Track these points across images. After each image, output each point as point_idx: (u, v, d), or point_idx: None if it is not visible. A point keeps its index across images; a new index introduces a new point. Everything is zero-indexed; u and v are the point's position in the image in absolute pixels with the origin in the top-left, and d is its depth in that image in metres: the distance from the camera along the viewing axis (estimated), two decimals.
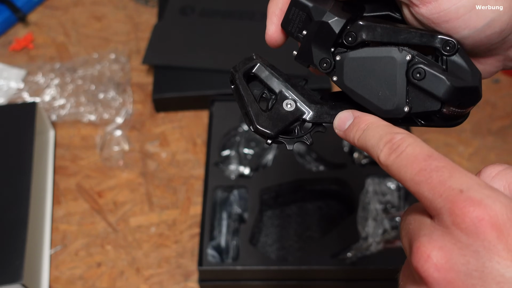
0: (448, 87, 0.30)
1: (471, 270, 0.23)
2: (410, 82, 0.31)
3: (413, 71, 0.31)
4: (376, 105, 0.32)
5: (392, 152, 0.27)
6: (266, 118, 0.34)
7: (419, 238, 0.25)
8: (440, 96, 0.31)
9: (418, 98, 0.31)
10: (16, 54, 0.92)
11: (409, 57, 0.31)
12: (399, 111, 0.31)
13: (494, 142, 0.79)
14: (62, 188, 0.75)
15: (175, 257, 0.69)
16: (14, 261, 0.61)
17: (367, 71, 0.32)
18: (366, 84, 0.32)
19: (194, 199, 0.74)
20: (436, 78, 0.30)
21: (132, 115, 0.83)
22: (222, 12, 0.93)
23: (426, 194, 0.25)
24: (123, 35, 0.95)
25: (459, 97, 0.31)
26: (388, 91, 0.31)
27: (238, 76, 0.34)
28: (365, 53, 0.32)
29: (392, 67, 0.31)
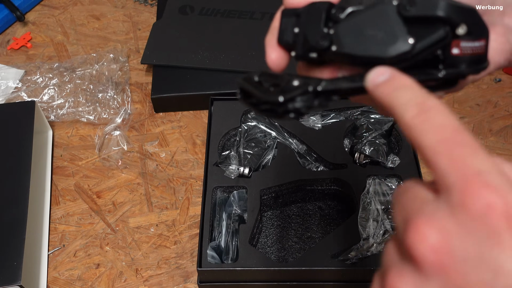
0: (444, 4, 0.29)
1: (469, 257, 0.22)
2: (406, 19, 0.30)
3: (404, 6, 0.30)
4: (380, 48, 0.31)
5: (420, 114, 0.25)
6: (273, 90, 0.31)
7: (419, 216, 0.24)
8: (439, 14, 0.29)
9: (420, 31, 0.30)
10: (14, 53, 0.92)
11: (396, 1, 0.31)
12: (405, 44, 0.30)
13: (495, 142, 0.79)
14: (61, 188, 0.75)
15: (174, 258, 0.68)
16: (12, 262, 0.61)
17: (362, 28, 0.32)
18: (365, 38, 0.31)
19: (194, 199, 0.73)
20: (428, 0, 0.30)
21: (131, 115, 0.83)
22: (221, 11, 0.93)
23: (442, 166, 0.24)
24: (122, 34, 0.95)
25: (459, 15, 0.30)
26: (387, 34, 0.30)
27: (242, 81, 0.33)
28: (355, 16, 0.32)
29: (384, 14, 0.31)
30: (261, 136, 0.75)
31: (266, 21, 0.91)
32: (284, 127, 0.75)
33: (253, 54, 0.86)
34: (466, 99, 0.84)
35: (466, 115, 0.82)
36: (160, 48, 0.87)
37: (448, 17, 0.29)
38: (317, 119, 0.77)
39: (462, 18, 0.30)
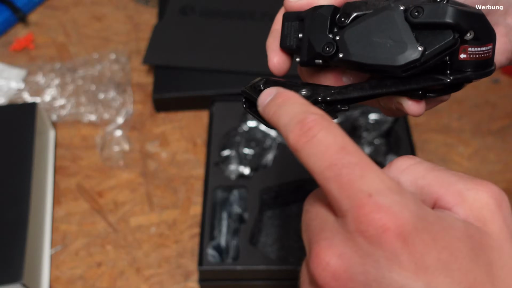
0: (452, 10, 0.29)
1: (370, 281, 0.22)
2: (413, 26, 0.30)
3: (411, 13, 0.30)
4: (389, 57, 0.30)
5: (302, 135, 0.25)
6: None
7: (319, 242, 0.23)
8: (447, 20, 0.29)
9: (428, 38, 0.29)
10: (17, 54, 0.92)
11: (403, 7, 0.30)
12: (414, 52, 0.29)
13: (494, 142, 0.79)
14: (63, 188, 0.76)
15: (175, 257, 0.69)
16: (14, 261, 0.61)
17: (369, 34, 0.31)
18: (373, 45, 0.31)
19: (194, 199, 0.74)
20: (437, 6, 0.29)
21: (133, 115, 0.83)
22: (222, 12, 0.93)
23: (333, 193, 0.23)
24: (123, 35, 0.95)
25: (467, 21, 0.29)
26: (395, 41, 0.30)
27: (247, 91, 0.33)
28: (362, 21, 0.31)
29: (391, 20, 0.30)
30: (261, 136, 0.76)
31: (266, 21, 0.91)
32: None
33: (254, 55, 0.86)
34: (465, 100, 0.84)
35: (464, 115, 0.82)
36: (161, 48, 0.88)
37: (456, 24, 0.29)
38: None
39: (470, 24, 0.30)
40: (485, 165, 0.77)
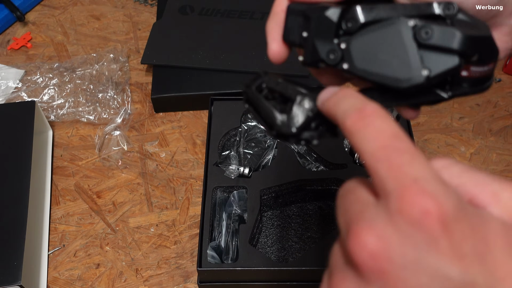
0: (461, 36, 0.29)
1: (407, 262, 0.22)
2: (420, 45, 0.30)
3: (420, 32, 0.30)
4: (393, 77, 0.31)
5: (360, 119, 0.26)
6: (285, 119, 0.32)
7: (359, 223, 0.24)
8: (455, 48, 0.29)
9: (434, 59, 0.30)
10: (14, 53, 0.92)
11: (412, 23, 0.30)
12: (418, 77, 0.30)
13: (495, 142, 0.79)
14: (61, 188, 0.75)
15: (174, 258, 0.68)
16: (12, 262, 0.61)
17: (375, 48, 0.31)
18: (378, 61, 0.31)
19: (194, 199, 0.73)
20: (446, 31, 0.29)
21: (131, 115, 0.83)
22: (221, 12, 0.93)
23: (381, 173, 0.24)
24: (122, 34, 0.95)
25: (474, 47, 0.30)
26: (401, 61, 0.30)
27: (251, 90, 0.33)
28: (369, 32, 0.31)
29: (399, 36, 0.30)
30: (261, 136, 0.75)
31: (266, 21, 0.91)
32: None
33: (253, 54, 0.86)
34: (466, 99, 0.84)
35: (466, 115, 0.82)
36: (160, 48, 0.87)
37: (464, 51, 0.29)
38: None
39: (476, 49, 0.30)
40: (486, 165, 0.76)
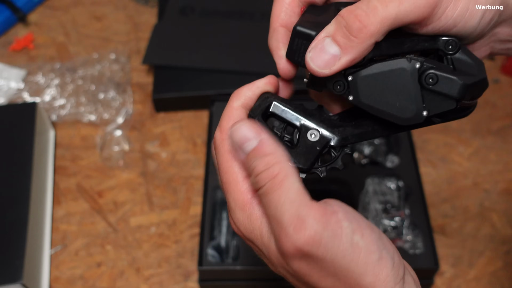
0: (461, 86, 0.32)
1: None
2: (424, 88, 0.32)
3: (425, 77, 0.32)
4: (396, 115, 0.33)
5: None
6: (296, 155, 0.34)
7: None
8: (455, 96, 0.32)
9: (434, 101, 0.32)
10: (16, 54, 0.92)
11: (418, 65, 0.32)
12: (419, 117, 0.32)
13: (494, 142, 0.79)
14: (62, 188, 0.75)
15: (175, 257, 0.69)
16: (14, 261, 0.61)
17: (381, 85, 0.33)
18: (383, 97, 0.33)
19: (194, 199, 0.74)
20: (448, 80, 0.32)
21: (132, 115, 0.83)
22: (222, 12, 0.93)
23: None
24: (123, 35, 0.95)
25: (471, 92, 0.33)
26: (405, 100, 0.32)
27: (258, 120, 0.34)
28: (376, 69, 0.32)
29: (405, 77, 0.32)
30: None
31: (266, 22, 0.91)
32: None
33: (254, 55, 0.86)
34: None
35: None
36: (161, 48, 0.88)
37: (463, 97, 0.32)
38: None
39: (471, 93, 0.33)
40: (485, 165, 0.77)
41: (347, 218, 0.31)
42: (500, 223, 0.71)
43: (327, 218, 0.30)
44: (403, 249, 0.65)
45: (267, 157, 0.31)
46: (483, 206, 0.73)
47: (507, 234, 0.70)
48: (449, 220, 0.72)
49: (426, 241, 0.65)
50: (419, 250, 0.65)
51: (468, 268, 0.67)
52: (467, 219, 0.72)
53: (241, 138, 0.32)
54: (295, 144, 0.34)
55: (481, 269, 0.67)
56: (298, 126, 0.34)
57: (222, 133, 0.34)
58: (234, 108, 0.34)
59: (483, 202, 0.73)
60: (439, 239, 0.69)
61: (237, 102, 0.35)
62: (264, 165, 0.31)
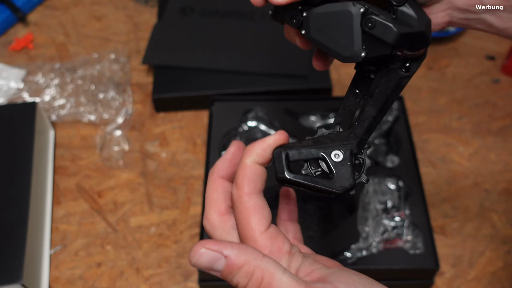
0: (395, 34, 0.36)
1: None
2: (364, 31, 0.36)
3: (366, 21, 0.36)
4: (337, 52, 0.37)
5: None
6: (337, 180, 0.36)
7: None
8: (389, 42, 0.36)
9: (372, 45, 0.36)
10: (16, 54, 0.92)
11: (362, 10, 0.36)
12: (357, 56, 0.36)
13: (494, 142, 0.79)
14: (62, 188, 0.75)
15: (175, 257, 0.69)
16: (14, 261, 0.61)
17: (329, 24, 0.37)
18: (329, 35, 0.37)
19: (194, 199, 0.74)
20: (385, 26, 0.36)
21: (132, 115, 0.83)
22: (222, 12, 0.93)
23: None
24: (123, 35, 0.95)
25: (406, 41, 0.36)
26: (347, 40, 0.36)
27: (287, 176, 0.36)
28: (326, 9, 0.37)
29: (349, 19, 0.36)
30: (261, 136, 0.76)
31: (266, 21, 0.91)
32: (284, 128, 0.76)
33: (254, 55, 0.86)
34: (465, 100, 0.84)
35: (464, 115, 0.82)
36: (161, 48, 0.88)
37: (397, 45, 0.36)
38: (317, 119, 0.77)
39: (408, 44, 0.37)
40: (485, 165, 0.77)
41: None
42: (501, 223, 0.71)
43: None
44: (403, 249, 0.65)
45: (243, 268, 0.32)
46: (483, 206, 0.73)
47: (507, 234, 0.70)
48: (449, 220, 0.72)
49: (426, 241, 0.65)
50: (419, 250, 0.65)
51: (469, 268, 0.67)
52: (467, 219, 0.72)
53: (208, 263, 0.33)
54: (330, 172, 0.36)
55: (481, 269, 0.67)
56: (320, 157, 0.36)
57: (239, 190, 0.36)
58: (247, 165, 0.36)
59: (483, 202, 0.73)
60: (439, 239, 0.69)
61: (250, 159, 0.36)
62: (245, 277, 0.32)
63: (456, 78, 0.88)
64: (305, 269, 0.34)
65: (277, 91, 0.81)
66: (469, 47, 0.92)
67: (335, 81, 0.87)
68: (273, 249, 0.34)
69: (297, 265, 0.34)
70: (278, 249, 0.34)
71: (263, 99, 0.79)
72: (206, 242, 0.33)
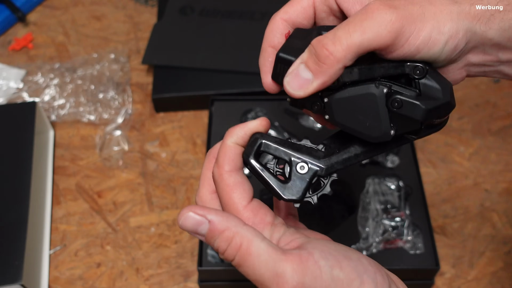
0: (423, 110, 0.35)
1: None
2: (391, 111, 0.36)
3: (392, 102, 0.35)
4: (366, 134, 0.36)
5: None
6: (289, 187, 0.37)
7: None
8: (418, 119, 0.35)
9: (400, 122, 0.36)
10: (16, 54, 0.92)
11: (386, 90, 0.35)
12: (387, 136, 0.36)
13: (494, 142, 0.79)
14: (62, 188, 0.75)
15: (175, 257, 0.69)
16: (14, 261, 0.61)
17: (353, 107, 0.36)
18: (354, 118, 0.36)
19: (194, 199, 0.74)
20: (412, 104, 0.35)
21: (132, 115, 0.83)
22: (222, 12, 0.93)
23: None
24: (122, 35, 0.95)
25: (434, 114, 0.36)
26: (374, 121, 0.36)
27: (251, 161, 0.37)
28: (348, 93, 0.36)
29: (373, 101, 0.36)
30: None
31: (266, 21, 0.91)
32: (284, 128, 0.76)
33: (254, 55, 0.86)
34: (465, 100, 0.84)
35: (465, 115, 0.82)
36: (161, 48, 0.88)
37: (425, 120, 0.36)
38: None
39: (435, 116, 0.36)
40: (485, 165, 0.77)
41: (323, 256, 0.33)
42: (501, 223, 0.71)
43: (303, 264, 0.32)
44: (404, 250, 0.65)
45: (224, 233, 0.34)
46: (483, 206, 0.73)
47: (507, 235, 0.70)
48: (450, 220, 0.71)
49: (426, 241, 0.65)
50: (419, 251, 0.65)
51: (469, 268, 0.67)
52: (467, 219, 0.72)
53: (193, 226, 0.35)
54: (287, 177, 0.37)
55: (481, 270, 0.67)
56: (288, 161, 0.37)
57: (220, 169, 0.37)
58: (228, 145, 0.37)
59: (483, 202, 0.73)
60: (439, 240, 0.69)
61: (231, 139, 0.38)
62: (224, 242, 0.34)
63: None
64: (285, 239, 0.36)
65: None
66: None
67: None
68: (255, 220, 0.36)
69: (279, 236, 0.36)
70: (260, 220, 0.36)
71: (263, 99, 0.79)
72: (193, 207, 0.35)
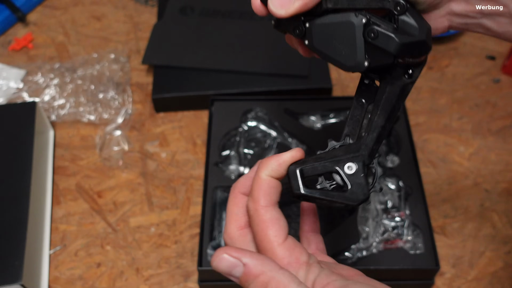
0: (397, 43, 0.36)
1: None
2: (366, 41, 0.37)
3: (368, 32, 0.36)
4: (340, 62, 0.38)
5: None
6: (352, 192, 0.37)
7: None
8: (392, 51, 0.36)
9: (375, 54, 0.37)
10: (16, 54, 0.92)
11: (364, 20, 0.36)
12: (360, 66, 0.37)
13: (494, 142, 0.79)
14: (62, 188, 0.75)
15: (175, 257, 0.69)
16: (14, 261, 0.61)
17: (331, 34, 0.37)
18: (332, 45, 0.37)
19: (194, 199, 0.74)
20: (387, 36, 0.36)
21: (132, 115, 0.83)
22: (222, 12, 0.93)
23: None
24: (122, 35, 0.95)
25: (408, 50, 0.37)
26: (350, 50, 0.37)
27: (303, 192, 0.37)
28: (329, 20, 0.37)
29: (352, 30, 0.37)
30: (261, 136, 0.76)
31: (266, 21, 0.91)
32: (284, 128, 0.76)
33: (254, 55, 0.86)
34: (465, 100, 0.84)
35: (465, 115, 0.82)
36: (161, 48, 0.88)
37: (398, 54, 0.37)
38: (317, 119, 0.77)
39: (410, 53, 0.37)
40: (485, 165, 0.77)
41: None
42: (501, 223, 0.71)
43: None
44: (404, 250, 0.65)
45: (259, 278, 0.33)
46: (483, 206, 0.73)
47: (508, 235, 0.70)
48: (450, 221, 0.71)
49: (426, 241, 0.65)
50: (419, 251, 0.65)
51: (469, 268, 0.67)
52: (467, 219, 0.72)
53: (227, 268, 0.34)
54: (344, 185, 0.37)
55: (481, 270, 0.67)
56: (334, 171, 0.37)
57: (255, 203, 0.37)
58: (263, 178, 0.37)
59: (483, 202, 0.73)
60: (439, 239, 0.69)
61: (265, 172, 0.37)
62: (260, 286, 0.33)
63: (457, 78, 0.88)
64: (321, 281, 0.35)
65: (277, 91, 0.81)
66: (470, 47, 0.92)
67: (335, 81, 0.87)
68: (291, 260, 0.35)
69: (314, 277, 0.35)
70: (296, 259, 0.35)
71: (263, 99, 0.79)
72: (228, 249, 0.34)
